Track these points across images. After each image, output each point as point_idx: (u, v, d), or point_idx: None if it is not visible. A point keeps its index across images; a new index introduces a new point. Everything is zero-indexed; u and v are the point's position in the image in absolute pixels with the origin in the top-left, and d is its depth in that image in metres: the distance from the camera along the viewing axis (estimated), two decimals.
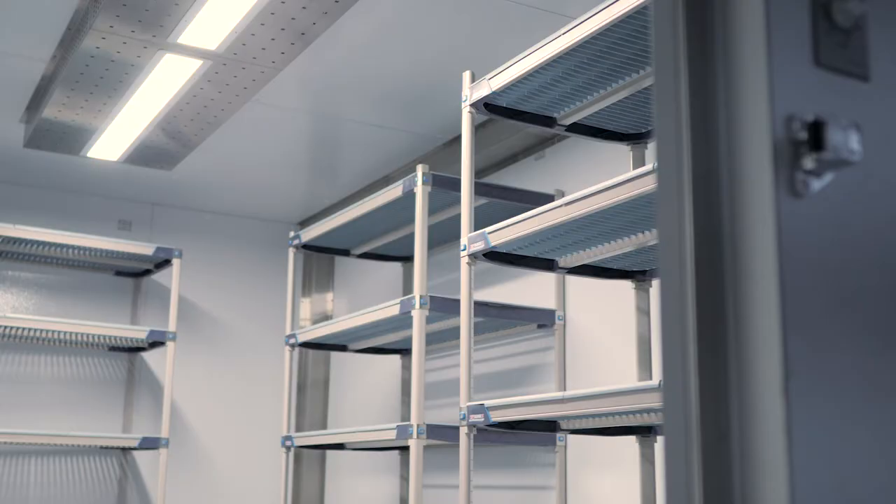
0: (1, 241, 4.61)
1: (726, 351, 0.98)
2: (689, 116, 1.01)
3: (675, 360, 1.03)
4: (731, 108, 1.00)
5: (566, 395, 2.29)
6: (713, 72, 1.01)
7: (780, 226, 0.95)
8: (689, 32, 1.02)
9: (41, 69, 3.71)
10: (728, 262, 1.00)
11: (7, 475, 4.81)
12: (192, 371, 5.30)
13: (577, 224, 2.45)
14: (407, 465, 4.61)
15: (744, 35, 1.00)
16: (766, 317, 0.95)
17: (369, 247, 4.53)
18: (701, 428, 0.97)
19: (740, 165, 0.99)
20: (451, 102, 3.87)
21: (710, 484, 0.96)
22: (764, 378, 0.95)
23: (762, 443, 0.94)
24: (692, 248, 1.01)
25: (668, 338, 1.04)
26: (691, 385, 1.00)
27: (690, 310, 1.01)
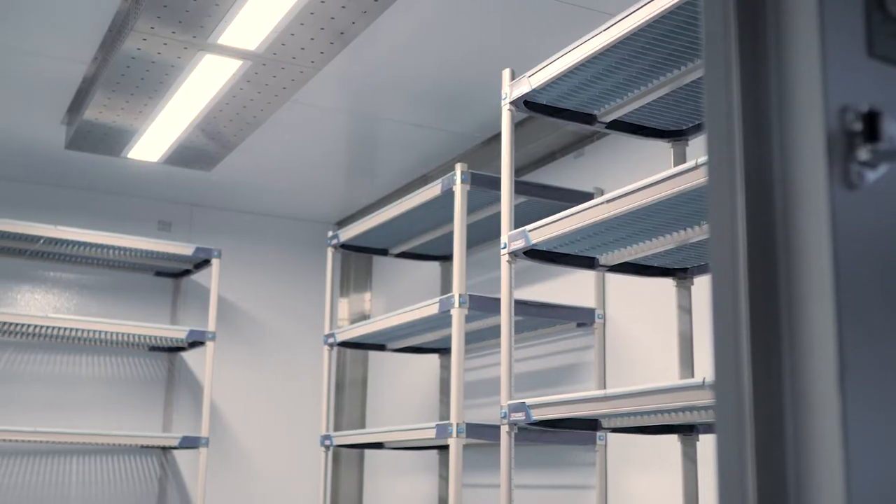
0: (43, 242, 4.67)
1: (780, 345, 0.97)
2: (741, 109, 1.00)
3: (728, 355, 1.02)
4: (784, 100, 0.99)
5: (608, 392, 2.28)
6: (765, 64, 1.00)
7: (835, 218, 0.94)
8: (740, 24, 1.01)
9: (82, 71, 3.75)
10: (781, 255, 0.99)
11: (50, 474, 4.87)
12: (231, 371, 5.33)
13: (619, 221, 2.44)
14: (445, 464, 4.61)
15: (797, 26, 0.98)
16: (820, 310, 0.94)
17: (407, 246, 4.53)
18: (754, 423, 0.96)
19: (793, 158, 0.98)
20: (489, 101, 3.87)
21: (763, 479, 0.95)
22: (818, 372, 0.94)
23: (817, 437, 0.93)
24: (745, 242, 1.01)
25: (721, 332, 1.03)
26: (744, 380, 0.99)
27: (743, 304, 1.00)
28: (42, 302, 5.00)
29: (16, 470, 4.80)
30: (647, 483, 3.36)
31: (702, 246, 2.64)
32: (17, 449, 4.81)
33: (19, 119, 4.22)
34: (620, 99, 2.74)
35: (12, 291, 4.95)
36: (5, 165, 4.80)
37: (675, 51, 2.43)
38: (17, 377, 4.88)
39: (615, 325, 3.63)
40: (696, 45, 2.40)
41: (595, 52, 2.46)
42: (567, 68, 2.55)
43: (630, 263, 2.88)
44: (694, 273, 2.90)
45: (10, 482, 4.78)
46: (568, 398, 2.42)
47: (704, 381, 2.01)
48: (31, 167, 4.82)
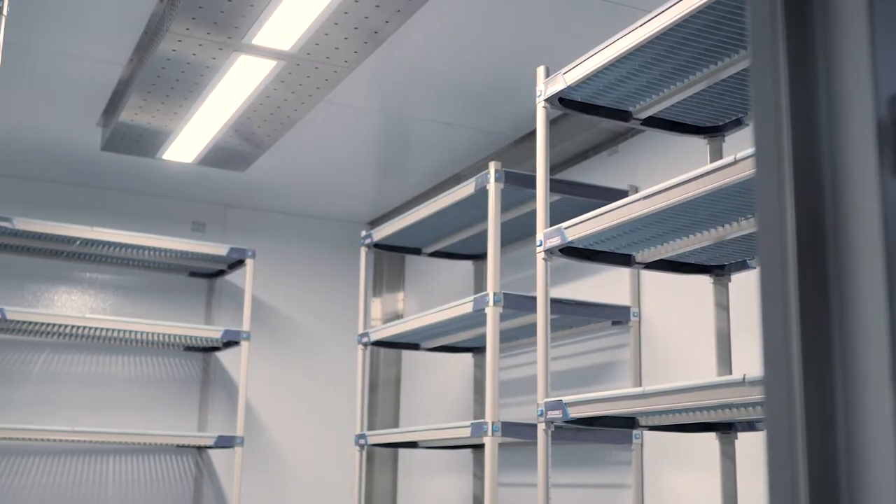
0: (79, 243, 4.71)
1: (830, 340, 0.96)
2: (789, 99, 0.99)
3: (777, 351, 1.01)
4: (833, 90, 0.98)
5: (647, 390, 2.26)
6: (813, 52, 0.99)
7: (886, 208, 0.93)
8: (787, 13, 0.99)
9: (118, 73, 3.77)
10: (831, 246, 0.97)
11: (87, 474, 4.91)
12: (265, 370, 5.36)
13: (655, 218, 2.42)
14: (480, 463, 4.61)
15: (845, 15, 0.97)
16: (871, 302, 0.93)
17: (440, 245, 4.53)
18: (805, 419, 0.95)
19: (842, 148, 0.96)
20: (522, 99, 3.86)
21: (815, 477, 0.93)
22: (870, 365, 0.92)
23: (869, 431, 0.92)
24: (794, 235, 0.99)
25: (770, 327, 1.02)
26: (795, 374, 0.97)
27: (793, 298, 0.99)
28: (78, 303, 5.05)
29: (54, 469, 4.85)
30: (684, 482, 3.34)
31: (740, 242, 2.61)
32: (55, 448, 4.86)
33: (56, 121, 4.26)
34: (656, 95, 2.72)
35: (49, 292, 5.00)
36: (42, 167, 4.85)
37: (712, 46, 2.41)
38: (54, 377, 4.93)
39: (651, 324, 3.61)
40: (732, 39, 2.38)
41: (631, 48, 2.44)
42: (602, 65, 2.53)
43: (666, 261, 2.86)
44: (731, 270, 2.88)
45: (48, 481, 4.83)
46: (605, 395, 2.41)
47: (745, 377, 1.99)
48: (68, 169, 4.87)
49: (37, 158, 4.73)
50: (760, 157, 1.02)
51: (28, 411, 4.83)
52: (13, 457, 4.78)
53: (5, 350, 4.85)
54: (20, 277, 4.93)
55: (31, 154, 4.67)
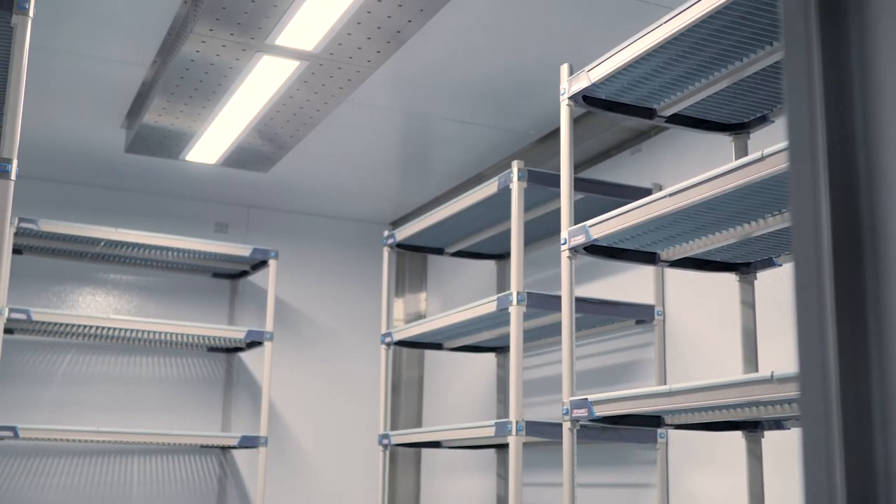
0: (103, 245, 4.74)
1: (867, 335, 0.95)
2: (823, 90, 0.98)
3: (813, 346, 1.00)
4: (868, 78, 0.97)
5: (673, 388, 2.25)
6: (847, 41, 0.98)
7: None
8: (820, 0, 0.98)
9: (142, 75, 3.79)
10: (867, 240, 0.96)
11: (112, 474, 4.94)
12: (288, 371, 5.37)
13: (681, 215, 2.41)
14: (503, 463, 4.60)
15: (880, 1, 0.96)
16: None
17: (463, 245, 4.53)
18: (842, 416, 0.94)
19: (879, 139, 0.95)
20: (544, 98, 3.85)
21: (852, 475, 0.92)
22: None
23: None
24: (829, 226, 0.98)
25: (805, 322, 1.01)
26: (831, 369, 0.96)
27: (828, 291, 0.98)
28: (103, 304, 5.07)
29: (79, 469, 4.87)
30: (710, 481, 3.32)
31: (766, 239, 2.60)
32: (80, 449, 4.89)
33: (80, 124, 4.29)
34: (680, 92, 2.71)
35: (74, 293, 5.03)
36: (67, 169, 4.88)
37: (737, 42, 2.40)
38: (79, 378, 4.96)
39: (675, 322, 3.60)
40: (758, 35, 2.36)
41: (655, 45, 2.43)
42: (627, 62, 2.52)
43: (691, 259, 2.84)
44: (757, 267, 2.86)
45: (74, 482, 4.86)
46: (631, 394, 2.40)
47: (773, 374, 1.97)
48: (92, 171, 4.90)
49: (62, 161, 4.76)
50: (794, 151, 1.01)
51: (53, 412, 4.86)
52: (39, 457, 4.81)
53: (31, 351, 4.88)
54: (45, 279, 4.97)
55: (56, 156, 4.70)
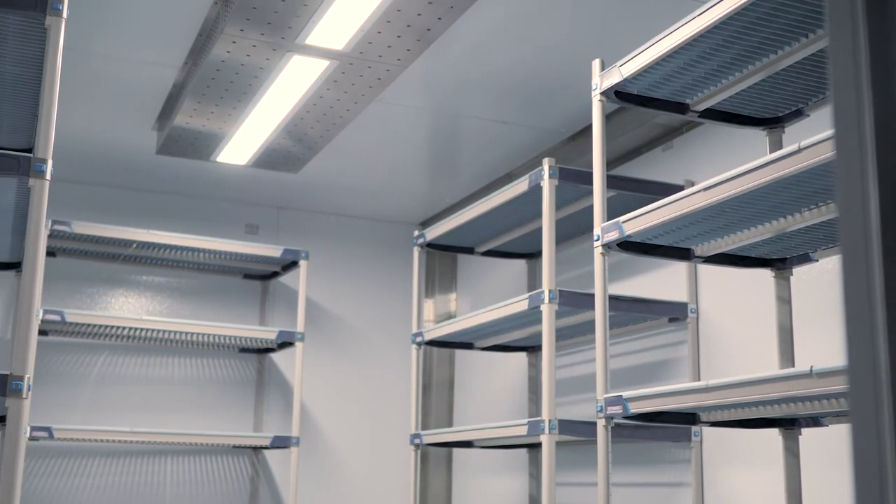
0: (135, 246, 4.76)
1: None
2: (870, 77, 0.96)
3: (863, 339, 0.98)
4: None
5: (709, 384, 2.23)
6: (893, 21, 0.96)
7: None
8: None
9: (173, 77, 3.81)
10: None
11: (145, 474, 4.96)
12: (319, 371, 5.38)
13: (715, 210, 2.39)
14: (535, 462, 4.58)
15: None
16: None
17: (493, 244, 4.52)
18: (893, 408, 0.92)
19: None
20: (575, 95, 3.84)
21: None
22: None
23: None
24: (878, 215, 0.96)
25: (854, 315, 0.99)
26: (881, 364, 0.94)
27: (878, 283, 0.96)
28: (135, 305, 5.11)
29: (113, 470, 4.91)
30: (746, 479, 3.29)
31: (802, 234, 2.57)
32: (114, 449, 4.92)
33: (112, 126, 4.32)
34: (714, 87, 2.68)
35: (107, 295, 5.06)
36: (99, 172, 4.91)
37: (771, 34, 2.38)
38: (112, 379, 4.99)
39: (708, 320, 3.57)
40: (792, 28, 2.34)
41: (687, 39, 2.41)
42: (659, 56, 2.50)
43: (726, 254, 2.81)
44: (793, 263, 2.83)
45: (107, 482, 4.89)
46: (666, 390, 2.38)
47: (812, 369, 1.95)
48: (124, 173, 4.93)
49: (94, 163, 4.80)
50: (840, 139, 1.00)
51: (87, 412, 4.89)
52: (74, 457, 4.85)
53: (65, 352, 4.92)
54: (79, 281, 5.00)
55: (89, 159, 4.74)
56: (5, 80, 2.82)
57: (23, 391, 2.27)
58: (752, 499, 3.26)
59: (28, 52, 2.61)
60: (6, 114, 3.11)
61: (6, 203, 2.71)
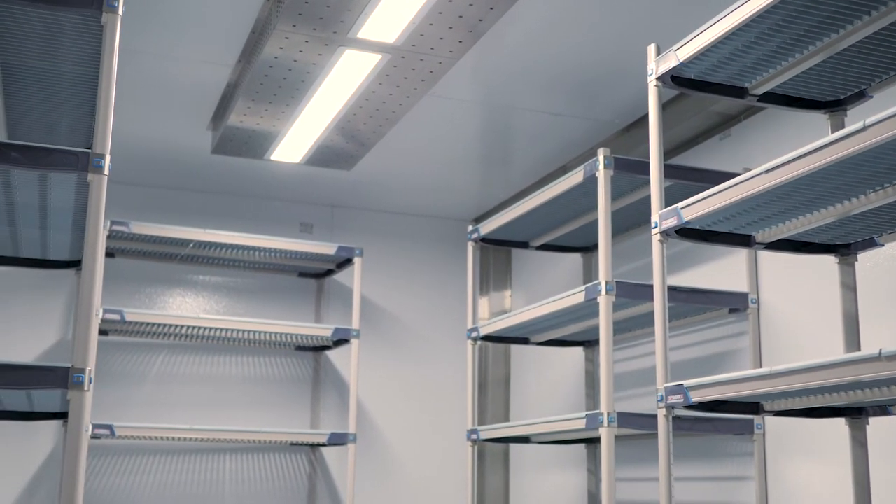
0: (192, 246, 4.81)
1: None
2: None
3: None
4: None
5: (773, 370, 2.17)
6: None
7: None
8: None
9: (226, 76, 3.83)
10: None
11: (205, 472, 5.01)
12: (374, 368, 5.39)
13: (777, 194, 2.33)
14: (594, 458, 4.54)
15: None
16: None
17: (548, 238, 4.48)
18: None
19: None
20: (629, 85, 3.80)
21: None
22: None
23: None
24: None
25: None
26: None
27: None
28: (192, 305, 5.15)
29: (173, 468, 4.95)
30: (811, 471, 3.22)
31: (867, 218, 2.50)
32: (173, 448, 4.97)
33: (168, 127, 4.36)
34: (773, 69, 2.62)
35: (165, 295, 5.12)
36: (156, 173, 4.97)
37: (832, 13, 2.32)
38: (171, 378, 5.04)
39: (770, 310, 3.50)
40: (854, 4, 2.28)
41: (745, 20, 2.36)
42: (716, 39, 2.46)
43: (787, 241, 2.75)
44: (858, 248, 2.76)
45: (167, 480, 4.94)
46: (728, 378, 2.33)
47: (881, 352, 1.89)
48: (180, 173, 4.98)
49: (150, 164, 4.85)
50: None
51: (146, 411, 4.95)
52: (134, 456, 4.90)
53: (125, 352, 4.98)
54: (137, 281, 5.06)
55: (145, 160, 4.79)
56: (64, 79, 2.86)
57: (84, 384, 2.29)
58: (817, 492, 3.19)
59: (85, 50, 2.64)
60: (66, 114, 3.15)
61: (65, 202, 2.75)
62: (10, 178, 2.53)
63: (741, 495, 3.54)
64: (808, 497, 3.23)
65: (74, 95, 2.95)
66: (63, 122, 3.12)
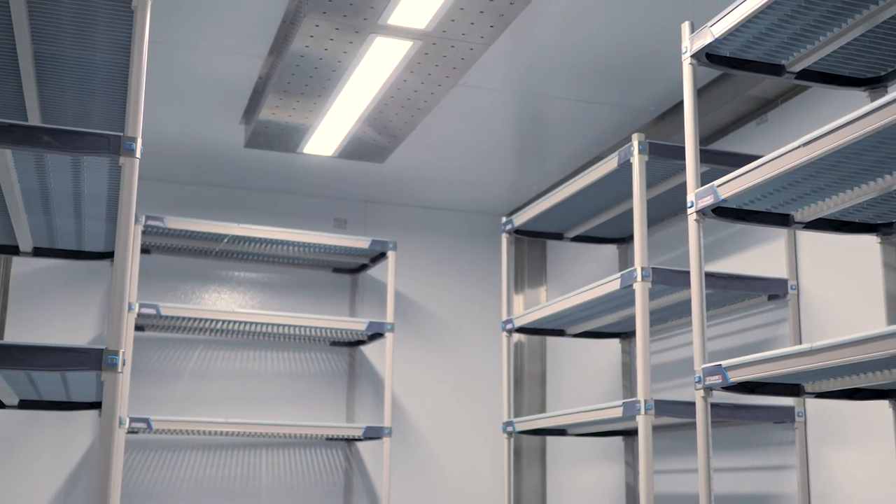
0: (227, 240, 4.82)
1: None
2: None
3: None
4: None
5: (814, 346, 2.12)
6: None
7: None
8: None
9: (258, 68, 3.83)
10: None
11: (241, 467, 5.01)
12: (409, 363, 5.37)
13: (815, 168, 2.28)
14: (631, 450, 4.48)
15: None
16: None
17: (583, 229, 4.44)
18: None
19: None
20: (664, 71, 3.75)
21: None
22: None
23: None
24: None
25: None
26: None
27: None
28: (228, 300, 5.17)
29: (210, 463, 4.96)
30: (854, 460, 3.15)
31: None
32: (210, 442, 4.98)
33: (202, 122, 4.37)
34: (810, 45, 2.57)
35: (200, 291, 5.13)
36: (190, 169, 4.98)
37: None
38: (207, 374, 5.05)
39: (810, 296, 3.44)
40: None
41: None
42: (751, 12, 2.41)
43: (828, 220, 2.70)
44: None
45: (205, 474, 4.94)
46: (768, 356, 2.28)
47: None
48: (214, 169, 4.99)
49: (184, 160, 4.87)
50: None
51: (184, 406, 4.97)
52: (171, 451, 4.92)
53: (162, 348, 5.00)
54: (173, 278, 5.08)
55: (179, 156, 4.81)
56: (97, 68, 2.87)
57: (118, 365, 2.29)
58: (860, 480, 3.12)
59: (117, 38, 2.65)
60: (99, 104, 3.16)
61: (99, 188, 2.76)
62: (43, 163, 2.54)
63: (782, 485, 3.48)
64: (851, 485, 3.16)
65: (107, 85, 2.96)
66: (97, 111, 3.13)
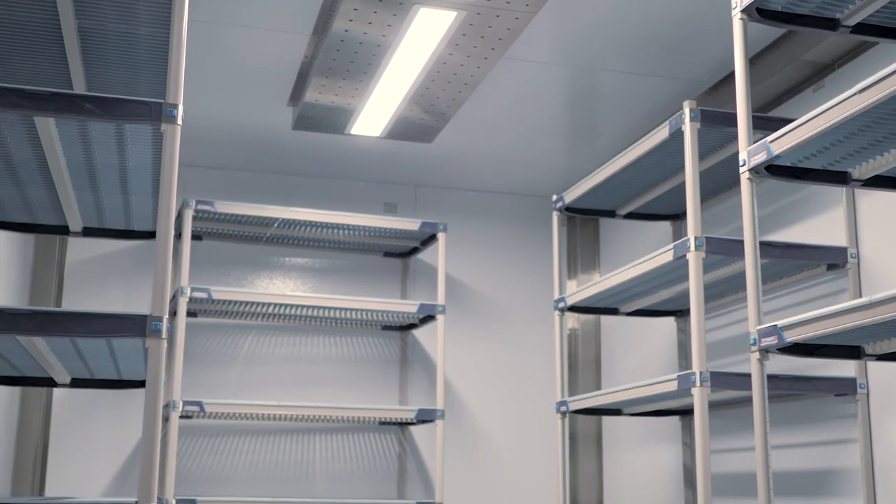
0: (277, 225, 4.81)
1: None
2: None
3: None
4: None
5: (873, 299, 2.04)
6: None
7: None
8: None
9: (303, 47, 3.81)
10: None
11: (295, 452, 5.01)
12: (460, 346, 5.33)
13: (872, 118, 2.20)
14: (688, 430, 4.40)
15: None
16: None
17: (635, 205, 4.36)
18: None
19: None
20: (716, 40, 3.66)
21: None
22: None
23: None
24: None
25: None
26: None
27: None
28: (280, 286, 5.17)
29: (264, 448, 4.97)
30: None
31: None
32: (263, 427, 4.98)
33: (249, 106, 4.37)
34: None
35: (251, 276, 5.14)
36: (238, 154, 4.99)
37: None
38: (260, 359, 5.06)
39: (872, 265, 3.33)
40: None
41: None
42: None
43: (887, 177, 2.60)
44: None
45: (259, 459, 4.95)
46: (826, 312, 2.20)
47: None
48: (262, 153, 4.99)
49: (233, 146, 4.88)
50: None
51: (237, 391, 4.98)
52: (225, 436, 4.93)
53: (214, 333, 5.02)
54: (225, 264, 5.10)
55: (228, 143, 4.82)
56: (140, 42, 2.86)
57: (162, 331, 2.28)
58: None
59: (160, 11, 2.64)
60: (143, 79, 3.16)
61: (143, 159, 2.75)
62: (87, 133, 2.54)
63: (844, 459, 3.38)
64: None
65: (150, 59, 2.96)
66: (141, 86, 3.14)
